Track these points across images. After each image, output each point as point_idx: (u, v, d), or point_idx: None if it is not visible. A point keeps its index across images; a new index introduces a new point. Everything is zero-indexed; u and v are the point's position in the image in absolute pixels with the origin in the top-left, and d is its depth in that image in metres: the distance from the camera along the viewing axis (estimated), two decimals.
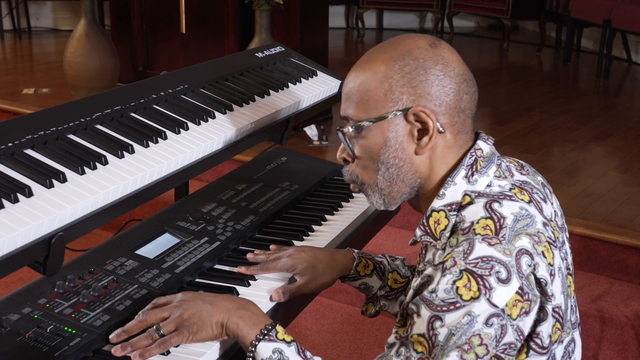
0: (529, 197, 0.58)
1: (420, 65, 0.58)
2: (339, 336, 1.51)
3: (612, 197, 1.76)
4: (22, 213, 0.55)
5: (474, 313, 0.52)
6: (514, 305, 0.52)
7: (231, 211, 0.84)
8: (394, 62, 0.58)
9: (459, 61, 0.59)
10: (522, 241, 0.54)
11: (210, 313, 0.58)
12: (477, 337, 0.51)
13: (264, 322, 0.58)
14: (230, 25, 2.29)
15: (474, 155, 0.59)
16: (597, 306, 1.40)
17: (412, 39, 0.60)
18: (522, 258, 0.53)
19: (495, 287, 0.52)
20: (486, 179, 0.58)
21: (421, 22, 4.41)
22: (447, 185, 0.58)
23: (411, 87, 0.58)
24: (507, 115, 2.55)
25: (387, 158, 0.59)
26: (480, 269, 0.52)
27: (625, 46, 3.43)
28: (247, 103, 0.89)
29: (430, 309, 0.53)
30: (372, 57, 0.60)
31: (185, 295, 0.60)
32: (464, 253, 0.53)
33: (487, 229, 0.54)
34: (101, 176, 0.64)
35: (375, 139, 0.59)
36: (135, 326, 0.59)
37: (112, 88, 1.84)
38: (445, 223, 0.58)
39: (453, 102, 0.58)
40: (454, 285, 0.52)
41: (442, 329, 0.52)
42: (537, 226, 0.55)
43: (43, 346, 0.57)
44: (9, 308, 0.61)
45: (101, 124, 0.72)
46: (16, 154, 0.62)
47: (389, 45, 0.60)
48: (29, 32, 3.82)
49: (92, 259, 0.71)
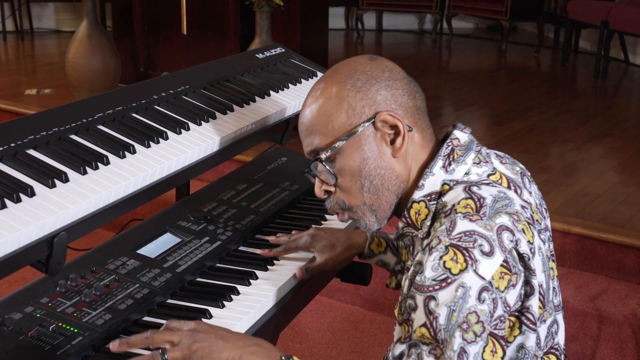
0: (507, 183, 0.59)
1: (370, 77, 0.60)
2: (339, 335, 1.51)
3: (609, 197, 1.77)
4: (25, 213, 0.56)
5: (466, 284, 0.52)
6: (501, 278, 0.53)
7: (232, 211, 0.85)
8: (344, 82, 0.60)
9: (398, 67, 0.62)
10: (502, 218, 0.55)
11: (220, 349, 0.56)
12: (474, 315, 0.52)
13: (279, 355, 0.56)
14: (231, 27, 2.29)
15: (450, 145, 0.60)
16: (595, 305, 1.41)
17: (352, 60, 0.62)
18: (503, 233, 0.54)
19: (479, 259, 0.53)
20: (464, 167, 0.60)
21: (420, 24, 4.43)
22: (425, 177, 0.60)
23: (368, 98, 0.59)
24: (505, 116, 2.56)
25: (369, 170, 0.60)
26: (464, 242, 0.53)
27: (622, 47, 3.44)
28: (248, 104, 0.90)
29: (423, 292, 0.54)
30: (318, 87, 0.62)
31: (198, 325, 0.58)
32: (447, 230, 0.55)
33: (467, 207, 0.56)
34: (103, 176, 0.64)
35: (352, 156, 0.60)
36: (140, 342, 0.57)
37: (114, 89, 1.82)
38: (426, 213, 0.59)
39: (409, 102, 0.60)
40: (441, 260, 0.53)
41: (441, 309, 0.52)
42: (515, 207, 0.57)
43: (45, 345, 0.58)
44: (11, 307, 0.62)
45: (103, 124, 0.72)
46: (19, 154, 0.63)
47: (331, 73, 0.62)
48: (32, 33, 3.82)
49: (93, 258, 0.71)
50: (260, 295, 0.69)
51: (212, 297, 0.68)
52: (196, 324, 0.59)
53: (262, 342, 0.59)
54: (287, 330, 1.44)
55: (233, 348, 0.57)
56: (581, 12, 3.28)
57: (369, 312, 1.59)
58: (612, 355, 1.37)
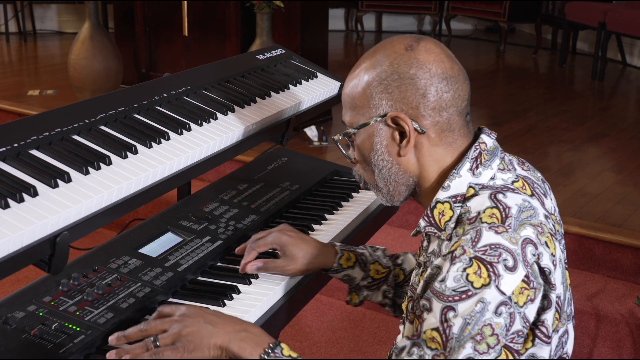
0: (531, 191, 0.59)
1: (395, 71, 0.60)
2: (339, 333, 1.51)
3: (607, 197, 1.78)
4: (28, 212, 0.56)
5: (486, 300, 0.52)
6: (520, 293, 0.53)
7: (233, 210, 0.85)
8: (373, 69, 0.61)
9: (437, 61, 0.60)
10: (527, 231, 0.55)
11: (210, 334, 0.57)
12: (489, 328, 0.52)
13: (268, 341, 0.57)
14: (232, 28, 2.30)
15: (478, 148, 0.61)
16: (592, 304, 1.41)
17: (392, 44, 0.61)
18: (527, 247, 0.54)
19: (502, 274, 0.53)
20: (490, 171, 0.60)
21: (419, 25, 4.44)
22: (452, 177, 0.60)
23: (388, 92, 0.60)
24: (504, 116, 2.57)
25: (377, 161, 0.62)
26: (489, 256, 0.53)
27: (619, 48, 3.45)
28: (249, 104, 0.90)
29: (442, 301, 0.54)
30: (359, 63, 0.63)
31: (188, 310, 0.59)
32: (472, 241, 0.55)
33: (493, 217, 0.55)
34: (105, 176, 0.65)
35: (364, 143, 0.62)
36: (136, 334, 0.58)
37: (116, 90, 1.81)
38: (450, 214, 0.59)
39: (432, 102, 0.59)
40: (464, 272, 0.53)
41: (457, 320, 0.53)
42: (539, 218, 0.57)
43: (48, 343, 0.58)
44: (14, 306, 0.62)
45: (105, 124, 0.73)
46: (22, 155, 0.63)
47: (373, 51, 0.62)
48: (34, 34, 3.83)
49: (96, 257, 0.71)
50: (261, 294, 0.70)
51: (213, 295, 0.68)
52: (186, 309, 0.60)
53: (251, 326, 0.59)
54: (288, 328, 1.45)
55: (222, 334, 0.57)
56: (579, 14, 3.28)
57: (369, 310, 1.60)
58: (609, 354, 1.37)
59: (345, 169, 1.04)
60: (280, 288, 0.72)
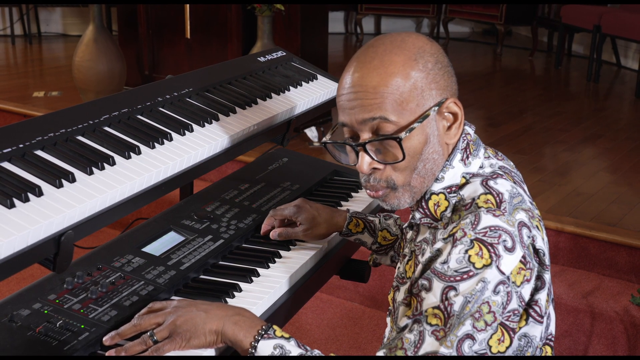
0: (512, 179, 0.61)
1: (436, 60, 0.60)
2: (338, 331, 1.52)
3: (601, 197, 1.79)
4: (33, 212, 0.57)
5: (487, 279, 0.54)
6: (518, 273, 0.55)
7: (234, 210, 0.86)
8: (415, 61, 0.58)
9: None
10: (520, 215, 0.57)
11: (204, 320, 0.58)
12: (486, 305, 0.54)
13: (260, 324, 0.59)
14: (234, 31, 2.30)
15: (465, 139, 0.62)
16: (587, 302, 1.42)
17: (416, 37, 0.61)
18: (522, 229, 0.56)
19: (502, 255, 0.54)
20: (478, 160, 0.61)
21: (417, 28, 4.46)
22: (445, 169, 0.61)
23: (435, 82, 0.59)
24: (500, 118, 2.58)
25: (428, 154, 0.60)
26: (490, 238, 0.55)
27: (614, 51, 3.48)
28: (250, 106, 0.91)
29: (443, 281, 0.55)
30: (386, 60, 0.58)
31: (180, 302, 0.60)
32: (472, 224, 0.56)
33: (488, 202, 0.57)
34: (109, 176, 0.65)
35: (419, 138, 0.59)
36: (130, 330, 0.59)
37: (120, 91, 1.82)
38: (446, 205, 0.60)
39: (456, 89, 0.62)
40: (467, 254, 0.54)
41: (457, 298, 0.54)
42: (527, 204, 0.59)
43: (53, 340, 0.59)
44: (20, 303, 0.63)
45: (109, 125, 0.73)
46: (27, 155, 0.63)
47: (398, 46, 0.59)
48: (39, 37, 3.84)
49: (100, 256, 0.72)
50: (262, 292, 0.70)
51: (215, 294, 0.69)
52: (178, 301, 0.61)
53: (243, 311, 0.60)
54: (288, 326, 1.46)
55: (216, 319, 0.59)
56: (574, 17, 3.31)
57: (368, 308, 1.61)
58: (604, 351, 1.38)
59: (345, 169, 1.05)
60: (282, 286, 0.72)
